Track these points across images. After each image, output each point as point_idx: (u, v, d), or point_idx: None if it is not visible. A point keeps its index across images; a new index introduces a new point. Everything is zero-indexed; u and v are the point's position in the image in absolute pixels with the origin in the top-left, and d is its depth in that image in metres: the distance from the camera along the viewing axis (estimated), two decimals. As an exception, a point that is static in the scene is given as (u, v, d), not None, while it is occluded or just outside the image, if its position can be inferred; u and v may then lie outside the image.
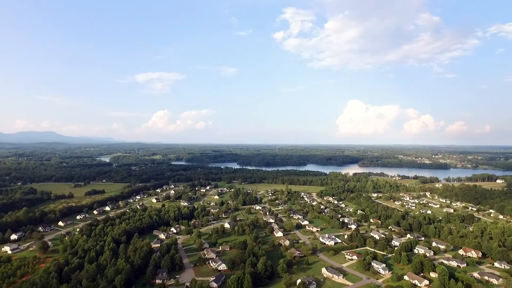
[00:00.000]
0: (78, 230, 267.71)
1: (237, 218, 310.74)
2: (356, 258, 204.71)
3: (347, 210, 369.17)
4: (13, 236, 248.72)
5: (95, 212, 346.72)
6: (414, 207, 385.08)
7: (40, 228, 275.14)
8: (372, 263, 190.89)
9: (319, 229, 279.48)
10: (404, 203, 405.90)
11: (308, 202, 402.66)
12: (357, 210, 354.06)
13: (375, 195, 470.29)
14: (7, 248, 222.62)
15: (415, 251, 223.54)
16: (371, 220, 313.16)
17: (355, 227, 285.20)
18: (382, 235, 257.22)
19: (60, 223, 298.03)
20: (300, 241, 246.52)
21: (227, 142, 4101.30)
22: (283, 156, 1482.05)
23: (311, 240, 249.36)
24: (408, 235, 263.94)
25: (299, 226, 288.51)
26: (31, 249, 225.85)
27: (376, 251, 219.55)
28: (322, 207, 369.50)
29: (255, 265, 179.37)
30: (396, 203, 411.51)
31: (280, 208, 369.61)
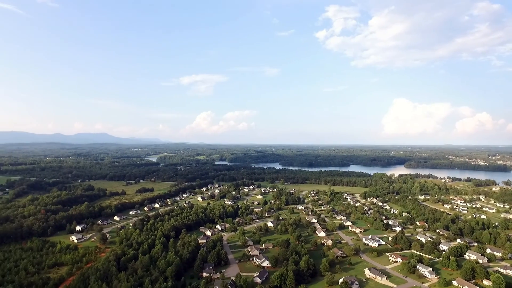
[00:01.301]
0: (131, 224, 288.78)
1: (280, 218, 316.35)
2: (401, 260, 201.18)
3: (392, 212, 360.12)
4: (78, 228, 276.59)
5: (145, 208, 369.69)
6: (465, 211, 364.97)
7: (99, 221, 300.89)
8: (417, 266, 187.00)
9: (362, 230, 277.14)
10: (455, 207, 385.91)
11: (351, 203, 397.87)
12: (402, 212, 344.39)
13: (422, 197, 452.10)
14: (73, 238, 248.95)
15: (466, 256, 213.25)
16: (417, 223, 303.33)
17: (400, 229, 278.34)
18: (429, 239, 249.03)
19: (116, 218, 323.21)
20: (342, 242, 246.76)
21: (269, 142, 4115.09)
22: (326, 156, 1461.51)
23: (354, 241, 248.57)
24: (458, 240, 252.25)
25: (342, 227, 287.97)
26: (92, 239, 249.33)
27: (422, 254, 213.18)
28: (365, 208, 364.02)
29: (298, 263, 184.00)
30: (446, 206, 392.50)
31: (322, 208, 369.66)
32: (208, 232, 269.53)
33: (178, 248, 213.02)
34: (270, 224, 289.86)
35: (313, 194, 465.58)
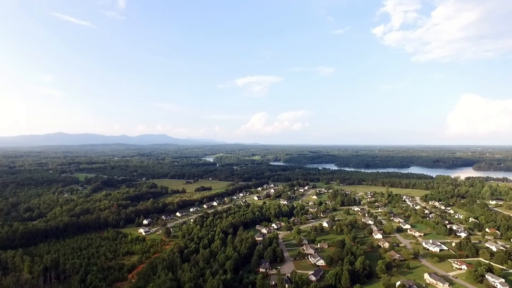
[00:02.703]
0: (192, 220, 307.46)
1: (335, 218, 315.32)
2: (466, 268, 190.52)
3: (456, 216, 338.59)
4: (145, 221, 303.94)
5: (204, 206, 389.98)
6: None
7: (163, 217, 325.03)
8: (486, 276, 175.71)
9: (422, 234, 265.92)
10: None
11: (411, 205, 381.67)
12: (468, 218, 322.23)
13: (494, 202, 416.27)
14: (141, 230, 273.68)
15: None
16: (487, 229, 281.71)
17: (465, 235, 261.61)
18: (501, 247, 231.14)
19: (178, 214, 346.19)
20: (400, 245, 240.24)
21: (324, 143, 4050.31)
22: (383, 157, 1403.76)
23: (412, 245, 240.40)
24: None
25: (399, 230, 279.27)
26: (158, 233, 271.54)
27: (492, 263, 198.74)
28: (426, 211, 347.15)
29: (353, 263, 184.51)
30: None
31: (379, 210, 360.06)
32: (264, 230, 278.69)
33: (236, 244, 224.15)
34: (325, 224, 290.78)
35: (369, 196, 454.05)
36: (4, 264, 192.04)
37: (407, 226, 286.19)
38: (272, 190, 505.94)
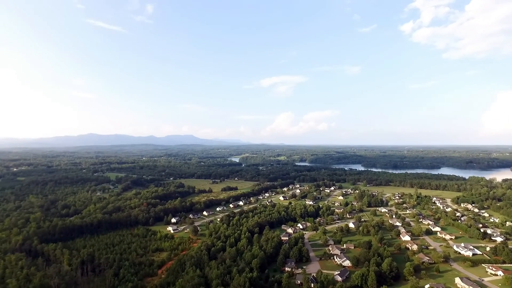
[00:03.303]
0: (219, 219, 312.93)
1: (362, 219, 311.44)
2: (502, 274, 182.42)
3: (492, 220, 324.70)
4: (173, 220, 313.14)
5: (231, 205, 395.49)
6: None
7: (191, 215, 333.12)
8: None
9: (453, 237, 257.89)
10: None
11: (441, 207, 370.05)
12: (505, 221, 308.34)
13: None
14: (170, 228, 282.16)
15: None
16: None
17: (501, 240, 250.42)
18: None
19: (204, 213, 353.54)
20: (429, 247, 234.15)
21: (351, 143, 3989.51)
22: (412, 158, 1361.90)
23: (442, 248, 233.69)
24: None
25: (429, 232, 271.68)
26: (185, 231, 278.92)
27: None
28: (458, 214, 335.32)
29: (380, 265, 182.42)
30: None
31: (407, 212, 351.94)
32: (290, 230, 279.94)
33: (262, 243, 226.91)
34: (351, 225, 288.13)
35: (397, 197, 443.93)
36: (47, 256, 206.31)
37: (437, 229, 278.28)
38: (298, 191, 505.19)
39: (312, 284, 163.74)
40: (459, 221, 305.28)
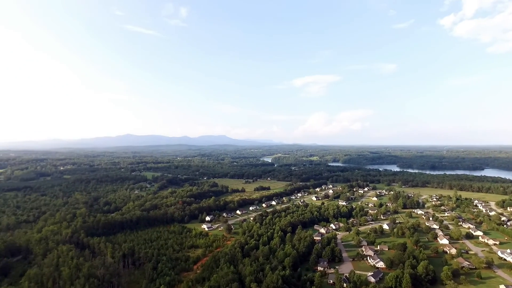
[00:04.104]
0: (252, 218, 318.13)
1: (396, 221, 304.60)
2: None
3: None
4: (207, 218, 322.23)
5: (263, 205, 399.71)
6: None
7: (224, 214, 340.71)
8: None
9: (497, 243, 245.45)
10: None
11: (484, 211, 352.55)
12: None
13: None
14: (204, 226, 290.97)
15: None
16: None
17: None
18: None
19: (238, 212, 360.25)
20: (470, 252, 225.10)
21: (386, 143, 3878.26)
22: (452, 158, 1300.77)
23: (485, 253, 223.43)
24: None
25: (469, 236, 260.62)
26: (219, 229, 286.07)
27: None
28: (503, 218, 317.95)
29: (415, 267, 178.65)
30: None
31: (446, 215, 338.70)
32: (322, 230, 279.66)
33: (294, 242, 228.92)
34: (385, 226, 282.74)
35: (434, 199, 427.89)
36: (92, 249, 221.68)
37: (479, 233, 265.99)
38: (331, 191, 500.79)
39: (345, 284, 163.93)
40: (504, 225, 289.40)
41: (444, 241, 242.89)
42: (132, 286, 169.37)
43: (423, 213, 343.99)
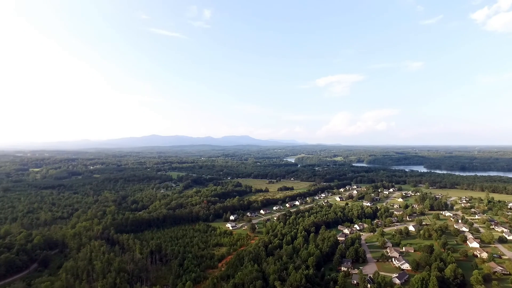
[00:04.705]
0: (275, 218, 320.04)
1: (423, 223, 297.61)
2: None
3: None
4: (231, 217, 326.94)
5: (287, 205, 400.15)
6: None
7: (248, 214, 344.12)
8: None
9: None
10: None
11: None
12: None
13: None
14: (228, 225, 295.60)
15: None
16: None
17: None
18: None
19: (261, 211, 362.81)
20: (503, 257, 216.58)
21: (412, 143, 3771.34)
22: (484, 159, 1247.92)
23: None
24: None
25: (502, 240, 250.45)
26: (243, 228, 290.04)
27: None
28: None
29: (442, 270, 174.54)
30: None
31: (476, 217, 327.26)
32: (346, 231, 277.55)
33: (318, 242, 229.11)
34: (411, 228, 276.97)
35: (464, 201, 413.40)
36: (121, 245, 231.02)
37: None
38: (355, 192, 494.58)
39: (369, 285, 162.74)
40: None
41: (475, 244, 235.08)
42: (159, 281, 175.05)
43: (451, 215, 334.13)
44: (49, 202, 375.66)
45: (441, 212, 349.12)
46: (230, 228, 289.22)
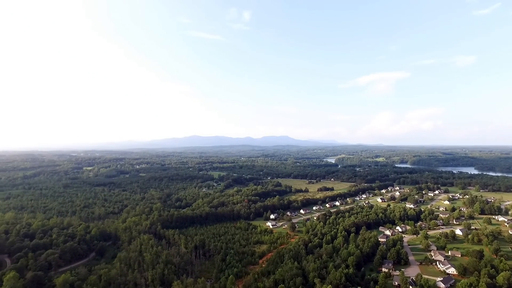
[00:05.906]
0: (315, 217, 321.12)
1: (472, 227, 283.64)
2: None
3: None
4: (272, 216, 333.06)
5: (327, 205, 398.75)
6: None
7: (288, 213, 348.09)
8: None
9: None
10: None
11: None
12: None
13: None
14: (269, 224, 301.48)
15: None
16: None
17: None
18: None
19: (301, 211, 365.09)
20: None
21: (461, 143, 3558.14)
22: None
23: None
24: None
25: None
26: (283, 227, 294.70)
27: None
28: None
29: (494, 277, 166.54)
30: None
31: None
32: (387, 232, 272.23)
33: (358, 242, 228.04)
34: (458, 232, 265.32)
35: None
36: (167, 239, 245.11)
37: None
38: (397, 193, 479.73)
39: (411, 287, 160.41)
40: None
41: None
42: (203, 274, 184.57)
43: (506, 220, 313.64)
44: (101, 198, 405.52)
45: (493, 216, 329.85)
46: (271, 226, 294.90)
